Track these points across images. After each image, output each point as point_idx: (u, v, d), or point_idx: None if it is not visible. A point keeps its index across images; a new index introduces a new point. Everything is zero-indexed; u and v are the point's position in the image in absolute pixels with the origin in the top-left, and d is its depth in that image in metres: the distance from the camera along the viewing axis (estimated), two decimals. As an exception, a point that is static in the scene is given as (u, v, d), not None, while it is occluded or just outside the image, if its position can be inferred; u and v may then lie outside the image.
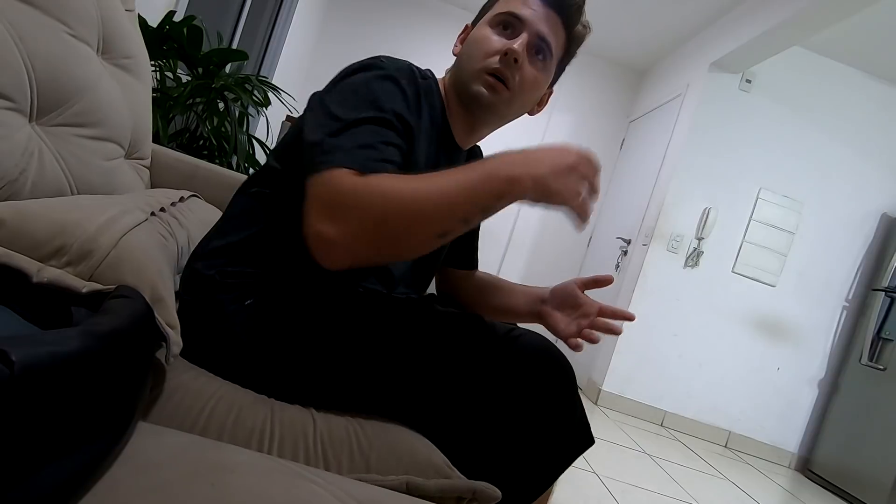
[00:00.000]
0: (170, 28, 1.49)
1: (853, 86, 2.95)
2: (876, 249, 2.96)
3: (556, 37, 0.75)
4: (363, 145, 0.57)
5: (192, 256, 0.71)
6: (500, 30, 0.74)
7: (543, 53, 0.75)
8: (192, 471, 0.36)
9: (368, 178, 0.54)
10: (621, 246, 3.30)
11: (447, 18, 3.86)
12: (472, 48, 0.75)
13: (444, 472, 0.54)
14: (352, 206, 0.53)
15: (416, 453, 0.55)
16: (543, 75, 0.77)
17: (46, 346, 0.27)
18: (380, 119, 0.60)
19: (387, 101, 0.63)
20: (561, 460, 0.60)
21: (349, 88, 0.64)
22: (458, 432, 0.59)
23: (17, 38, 0.62)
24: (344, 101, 0.61)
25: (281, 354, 0.60)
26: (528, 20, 0.72)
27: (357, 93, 0.62)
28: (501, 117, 0.78)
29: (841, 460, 2.63)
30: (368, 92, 0.62)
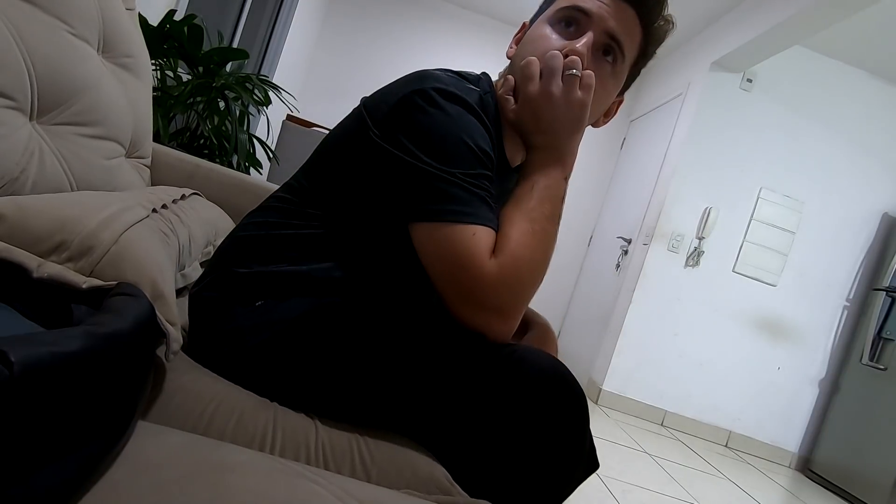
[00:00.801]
0: (170, 27, 1.49)
1: (854, 85, 2.94)
2: (877, 249, 2.95)
3: (629, 35, 0.64)
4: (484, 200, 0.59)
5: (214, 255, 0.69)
6: (563, 27, 0.64)
7: (613, 55, 0.65)
8: (193, 470, 0.36)
9: (505, 262, 0.57)
10: (622, 245, 3.30)
11: (447, 17, 3.86)
12: (528, 49, 0.65)
13: (445, 488, 0.54)
14: (508, 296, 0.57)
15: (417, 467, 0.54)
16: (612, 81, 0.67)
17: (47, 346, 0.27)
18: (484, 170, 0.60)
19: (482, 140, 0.60)
20: (565, 486, 0.57)
21: (439, 128, 0.59)
22: (463, 448, 0.57)
23: (17, 37, 0.62)
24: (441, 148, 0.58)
25: (286, 361, 0.58)
26: (596, 15, 0.62)
27: (451, 135, 0.59)
28: None
29: (841, 460, 2.63)
30: (462, 129, 0.59)
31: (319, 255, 0.64)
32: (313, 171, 0.67)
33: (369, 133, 0.61)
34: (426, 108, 0.59)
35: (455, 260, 0.56)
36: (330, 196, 0.64)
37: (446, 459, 0.57)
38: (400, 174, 0.59)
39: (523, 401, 0.54)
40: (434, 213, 0.57)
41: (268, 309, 0.61)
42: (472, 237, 0.56)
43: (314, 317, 0.60)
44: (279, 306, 0.61)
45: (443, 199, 0.57)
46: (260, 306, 0.61)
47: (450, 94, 0.60)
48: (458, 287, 0.57)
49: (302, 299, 0.61)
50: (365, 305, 0.62)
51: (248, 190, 1.25)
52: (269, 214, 0.67)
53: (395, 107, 0.60)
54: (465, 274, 0.56)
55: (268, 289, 0.62)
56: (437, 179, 0.57)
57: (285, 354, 0.58)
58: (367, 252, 0.65)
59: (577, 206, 3.99)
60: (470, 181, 0.58)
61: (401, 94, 0.60)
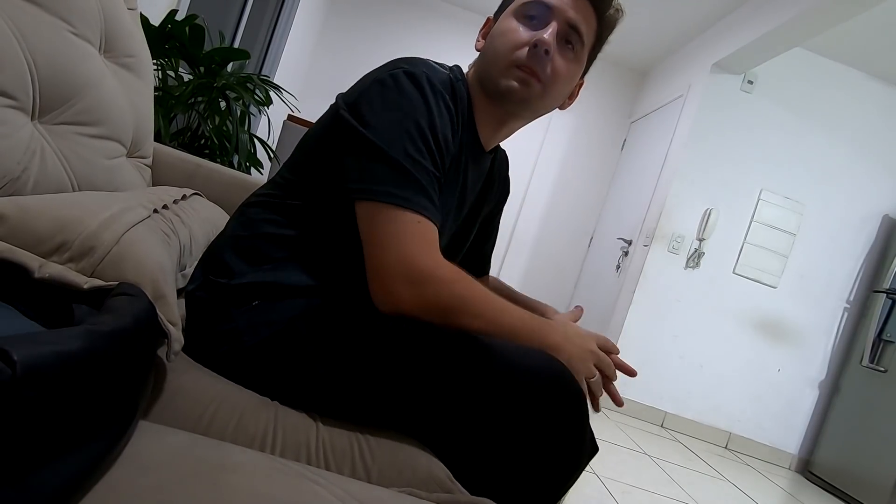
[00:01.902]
0: (172, 27, 1.49)
1: (855, 87, 2.94)
2: (877, 251, 2.95)
3: (587, 24, 0.71)
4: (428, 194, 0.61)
5: (204, 255, 0.70)
6: (527, 20, 0.70)
7: (574, 43, 0.71)
8: (194, 470, 0.36)
9: (459, 274, 0.60)
10: (622, 246, 3.30)
11: (447, 17, 3.86)
12: (498, 41, 0.71)
13: (446, 486, 0.54)
14: (436, 289, 0.58)
15: (418, 466, 0.54)
16: (575, 66, 0.73)
17: (49, 345, 0.27)
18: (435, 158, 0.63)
19: (441, 127, 0.64)
20: (566, 480, 0.58)
21: (400, 106, 0.62)
22: (462, 447, 0.57)
23: (19, 37, 0.62)
24: (399, 126, 0.61)
25: (284, 360, 0.59)
26: (557, 7, 0.69)
27: (410, 116, 0.62)
28: (533, 112, 0.75)
29: (841, 462, 2.62)
30: (422, 114, 0.62)
31: (302, 253, 0.65)
32: (295, 165, 0.69)
33: (337, 111, 0.64)
34: (391, 86, 0.63)
35: (398, 242, 0.58)
36: (310, 187, 0.66)
37: (447, 457, 0.58)
38: (353, 146, 0.61)
39: (522, 399, 0.54)
40: (376, 192, 0.59)
41: (264, 309, 0.61)
42: (416, 224, 0.59)
43: (311, 316, 0.60)
44: (276, 306, 0.61)
45: (385, 180, 0.59)
46: (256, 306, 0.61)
47: (417, 77, 0.64)
48: (392, 265, 0.58)
49: (294, 300, 0.62)
50: (358, 302, 0.63)
51: (249, 190, 1.25)
52: (253, 211, 0.68)
53: (367, 86, 0.64)
54: (407, 257, 0.58)
55: (259, 293, 0.63)
56: (382, 156, 0.60)
57: (283, 354, 0.59)
58: (345, 243, 0.65)
59: (577, 207, 3.99)
60: (415, 164, 0.60)
61: (374, 75, 0.65)
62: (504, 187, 0.94)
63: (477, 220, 0.87)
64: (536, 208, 3.95)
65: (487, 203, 0.88)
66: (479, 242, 0.93)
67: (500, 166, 0.90)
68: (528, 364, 0.56)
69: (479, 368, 0.55)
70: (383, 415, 0.58)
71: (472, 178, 0.77)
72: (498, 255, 3.91)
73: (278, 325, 0.60)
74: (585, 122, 3.97)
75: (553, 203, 3.97)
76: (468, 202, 0.80)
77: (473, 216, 0.86)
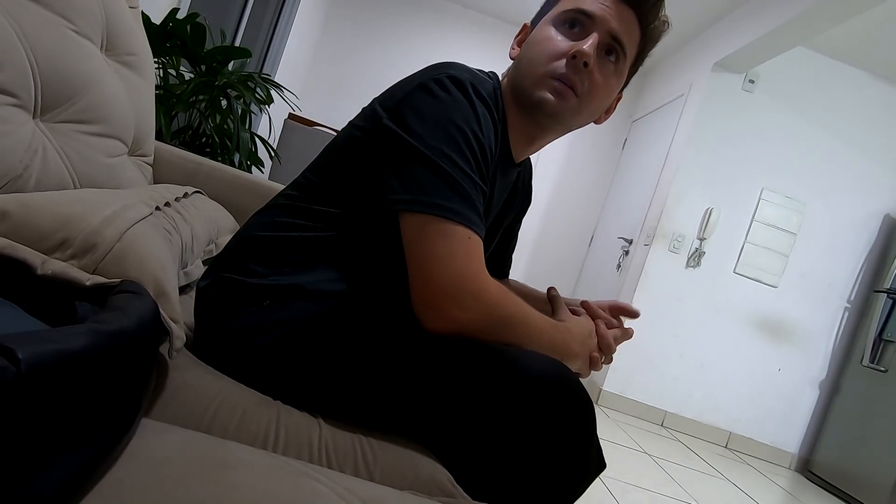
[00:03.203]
0: (173, 25, 1.49)
1: (857, 86, 2.94)
2: (878, 251, 2.95)
3: (629, 36, 0.67)
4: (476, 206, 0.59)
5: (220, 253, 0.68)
6: (566, 29, 0.66)
7: (616, 55, 0.67)
8: (196, 468, 0.36)
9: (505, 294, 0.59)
10: (623, 246, 3.30)
11: (451, 16, 3.86)
12: (535, 50, 0.67)
13: (448, 490, 0.54)
14: (487, 310, 0.57)
15: (420, 469, 0.54)
16: (615, 79, 0.69)
17: (53, 344, 0.27)
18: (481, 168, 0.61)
19: (486, 136, 0.61)
20: (572, 493, 0.57)
21: (447, 113, 0.59)
22: (467, 452, 0.57)
23: (21, 35, 0.62)
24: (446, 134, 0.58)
25: (291, 361, 0.58)
26: (599, 17, 0.65)
27: (457, 124, 0.59)
28: (566, 127, 0.71)
29: (841, 462, 2.63)
30: (469, 122, 0.60)
31: (323, 259, 0.64)
32: (322, 169, 0.67)
33: (380, 121, 0.61)
34: (436, 92, 0.60)
35: (449, 258, 0.56)
36: (338, 193, 0.64)
37: (450, 462, 0.57)
38: (397, 154, 0.59)
39: (528, 405, 0.53)
40: (424, 204, 0.57)
41: (275, 309, 0.60)
42: (467, 240, 0.57)
43: (321, 319, 0.60)
44: (287, 307, 0.61)
45: (432, 191, 0.57)
46: (267, 306, 0.61)
47: (463, 83, 0.61)
48: (445, 285, 0.56)
49: (306, 303, 0.61)
50: (370, 308, 0.62)
51: (250, 188, 1.25)
52: (276, 213, 0.66)
53: (409, 92, 0.61)
54: (459, 275, 0.56)
55: (271, 295, 0.62)
56: (429, 165, 0.57)
57: (291, 355, 0.58)
58: (371, 252, 0.65)
59: (578, 206, 3.99)
60: (464, 175, 0.58)
61: (417, 81, 0.62)
62: (527, 198, 0.92)
63: (499, 230, 0.86)
64: (537, 207, 3.95)
65: (509, 215, 0.87)
66: (501, 249, 0.92)
67: (525, 177, 0.88)
68: (537, 371, 0.55)
69: (487, 374, 0.55)
70: (388, 418, 0.58)
71: (499, 190, 0.74)
72: (498, 254, 3.91)
73: (288, 325, 0.59)
74: (586, 121, 3.96)
75: (554, 202, 3.97)
76: (492, 214, 0.77)
77: (495, 227, 0.84)
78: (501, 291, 0.59)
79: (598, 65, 0.66)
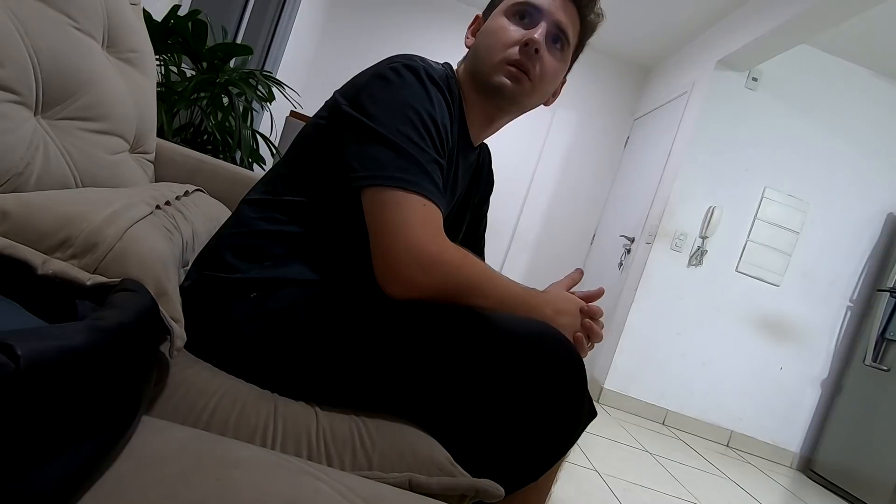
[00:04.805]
0: (174, 22, 1.49)
1: (860, 85, 2.93)
2: (881, 249, 2.94)
3: (572, 26, 0.75)
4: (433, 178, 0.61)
5: (200, 254, 0.70)
6: (517, 19, 0.73)
7: (561, 43, 0.75)
8: (196, 466, 0.36)
9: (466, 257, 0.61)
10: (625, 244, 3.29)
11: (449, 12, 3.85)
12: (490, 39, 0.74)
13: (448, 470, 0.54)
14: (445, 272, 0.59)
15: (418, 450, 0.55)
16: (561, 65, 0.77)
17: (52, 340, 0.27)
18: (436, 144, 0.64)
19: (441, 116, 0.65)
20: (564, 443, 0.58)
21: (401, 96, 0.63)
22: (462, 419, 0.58)
23: (22, 32, 0.62)
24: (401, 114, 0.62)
25: (283, 349, 0.59)
26: (546, 9, 0.72)
27: (411, 105, 0.63)
28: (521, 108, 0.78)
29: (843, 461, 2.62)
30: (422, 103, 0.64)
31: (301, 247, 0.66)
32: (291, 161, 0.70)
33: (338, 107, 0.65)
34: (392, 79, 0.64)
35: (405, 224, 0.58)
36: (308, 182, 0.67)
37: (447, 439, 0.58)
38: (356, 137, 0.62)
39: (519, 366, 0.55)
40: (381, 178, 0.60)
41: (262, 299, 0.62)
42: (422, 207, 0.59)
43: (308, 304, 0.61)
44: (275, 296, 0.62)
45: (389, 165, 0.60)
46: (254, 297, 0.62)
47: (416, 70, 0.65)
48: (401, 250, 0.58)
49: (292, 290, 0.63)
50: (354, 288, 0.63)
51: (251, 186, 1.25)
52: (249, 210, 0.69)
53: (366, 80, 0.66)
54: (416, 240, 0.58)
55: (257, 287, 0.63)
56: (386, 142, 0.60)
57: (283, 342, 0.59)
58: (344, 234, 0.66)
59: (580, 205, 3.99)
60: (419, 150, 0.61)
61: (373, 70, 0.66)
62: (489, 179, 0.98)
63: (467, 210, 0.91)
64: (539, 205, 3.94)
65: (475, 195, 0.92)
66: (472, 229, 0.97)
67: (484, 160, 0.94)
68: (525, 331, 0.57)
69: (476, 339, 0.56)
70: (382, 396, 0.59)
71: (462, 171, 0.80)
72: (500, 252, 3.91)
73: (277, 314, 0.60)
74: (589, 118, 3.96)
75: (556, 200, 3.97)
76: (458, 194, 0.83)
77: (464, 208, 0.89)
78: (461, 254, 0.61)
79: (547, 51, 0.73)
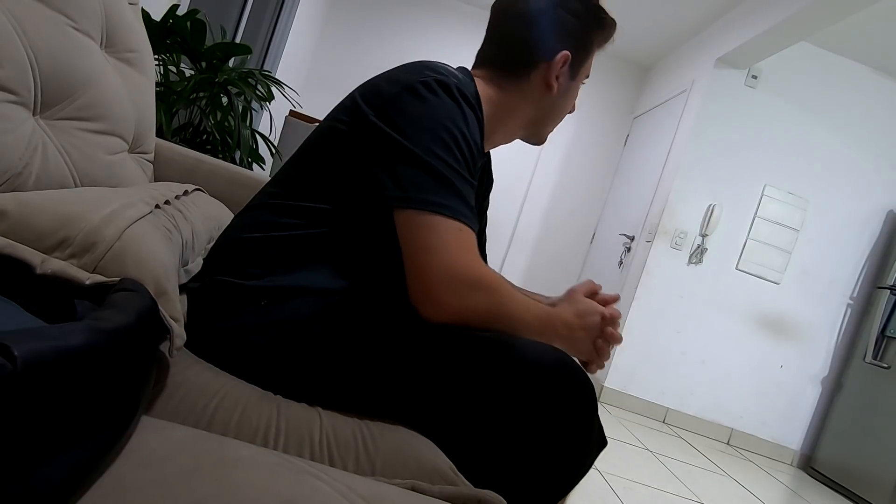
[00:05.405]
0: (173, 22, 1.49)
1: (860, 82, 2.92)
2: (881, 247, 2.94)
3: None
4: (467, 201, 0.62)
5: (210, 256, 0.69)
6: None
7: None
8: (196, 465, 0.36)
9: (498, 281, 0.62)
10: (625, 242, 3.29)
11: (450, 12, 3.85)
12: (566, 104, 0.83)
13: (450, 479, 0.54)
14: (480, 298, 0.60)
15: (421, 458, 0.54)
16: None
17: (50, 340, 0.27)
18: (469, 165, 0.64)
19: (472, 135, 0.66)
20: (574, 473, 0.58)
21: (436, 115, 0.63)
22: (470, 440, 0.58)
23: (20, 32, 0.61)
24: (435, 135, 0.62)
25: (294, 357, 0.59)
26: None
27: (445, 125, 0.63)
28: None
29: (844, 458, 2.62)
30: (456, 123, 0.64)
31: (317, 256, 0.64)
32: (305, 165, 0.68)
33: (364, 117, 0.64)
34: (425, 95, 0.63)
35: (442, 249, 0.58)
36: (325, 188, 0.65)
37: (452, 450, 0.58)
38: (389, 154, 0.61)
39: (529, 391, 0.55)
40: (417, 201, 0.60)
41: (273, 308, 0.61)
42: (458, 231, 0.60)
43: (323, 315, 0.60)
44: (285, 305, 0.61)
45: (424, 188, 0.60)
46: (265, 306, 0.61)
47: (449, 86, 0.65)
48: (439, 275, 0.59)
49: (306, 300, 0.62)
50: (370, 302, 0.63)
51: (251, 185, 1.25)
52: (261, 213, 0.67)
53: (397, 93, 0.64)
54: (453, 265, 0.58)
55: (269, 295, 0.62)
56: (421, 164, 0.60)
57: (294, 353, 0.59)
58: (367, 246, 0.65)
59: (579, 203, 3.98)
60: (454, 172, 0.61)
61: (403, 82, 0.64)
62: (490, 178, 0.99)
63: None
64: (539, 204, 3.94)
65: (479, 195, 0.92)
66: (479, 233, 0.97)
67: (487, 161, 0.95)
68: (535, 356, 0.56)
69: (487, 362, 0.56)
70: (392, 409, 0.59)
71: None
72: (500, 251, 3.91)
73: (289, 324, 0.59)
74: (588, 117, 3.95)
75: (555, 199, 3.96)
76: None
77: None
78: (495, 280, 0.62)
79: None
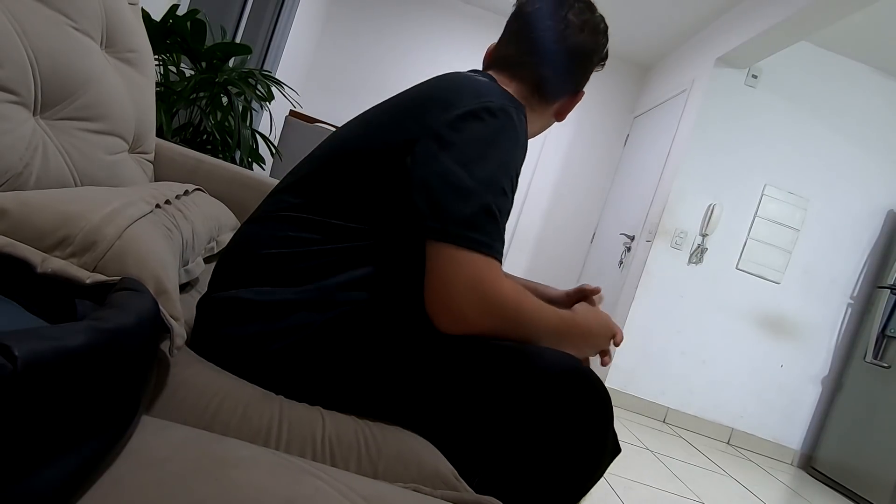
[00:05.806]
0: (173, 22, 1.49)
1: (860, 81, 2.92)
2: (882, 246, 2.94)
3: None
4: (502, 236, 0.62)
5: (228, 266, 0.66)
6: None
7: None
8: (196, 465, 0.36)
9: (522, 296, 0.61)
10: (625, 242, 3.29)
11: (450, 12, 3.84)
12: (568, 113, 0.87)
13: (452, 484, 0.53)
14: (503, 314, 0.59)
15: (424, 463, 0.54)
16: None
17: (50, 341, 0.27)
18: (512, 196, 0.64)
19: (516, 166, 0.65)
20: (587, 480, 0.58)
21: (500, 149, 0.62)
22: (481, 445, 0.58)
23: (21, 32, 0.61)
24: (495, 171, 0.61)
25: (310, 363, 0.59)
26: None
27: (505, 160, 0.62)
28: None
29: (844, 458, 2.62)
30: (515, 157, 0.64)
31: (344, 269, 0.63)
32: (332, 181, 0.64)
33: (413, 142, 0.61)
34: (490, 125, 0.62)
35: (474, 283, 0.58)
36: (356, 208, 0.63)
37: (457, 457, 0.58)
38: (438, 178, 0.59)
39: (546, 400, 0.54)
40: (457, 237, 0.58)
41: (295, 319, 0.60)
42: (487, 263, 0.59)
43: (340, 322, 0.60)
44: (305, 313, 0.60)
45: (469, 224, 0.58)
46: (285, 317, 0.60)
47: (510, 115, 0.64)
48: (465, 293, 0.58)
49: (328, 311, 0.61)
50: (389, 310, 0.63)
51: (251, 185, 1.25)
52: (289, 227, 0.63)
53: (457, 119, 0.62)
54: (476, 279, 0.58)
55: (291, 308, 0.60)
56: (471, 198, 0.58)
57: (309, 358, 0.58)
58: (395, 262, 0.64)
59: (579, 203, 3.98)
60: (500, 209, 0.60)
61: (463, 108, 0.62)
62: None
63: None
64: (539, 204, 3.94)
65: None
66: None
67: None
68: (551, 364, 0.56)
69: (503, 370, 0.56)
70: (401, 414, 0.59)
71: None
72: (500, 250, 3.90)
73: (308, 329, 0.59)
74: (588, 117, 3.95)
75: (556, 199, 3.96)
76: None
77: None
78: (517, 292, 0.60)
79: None
